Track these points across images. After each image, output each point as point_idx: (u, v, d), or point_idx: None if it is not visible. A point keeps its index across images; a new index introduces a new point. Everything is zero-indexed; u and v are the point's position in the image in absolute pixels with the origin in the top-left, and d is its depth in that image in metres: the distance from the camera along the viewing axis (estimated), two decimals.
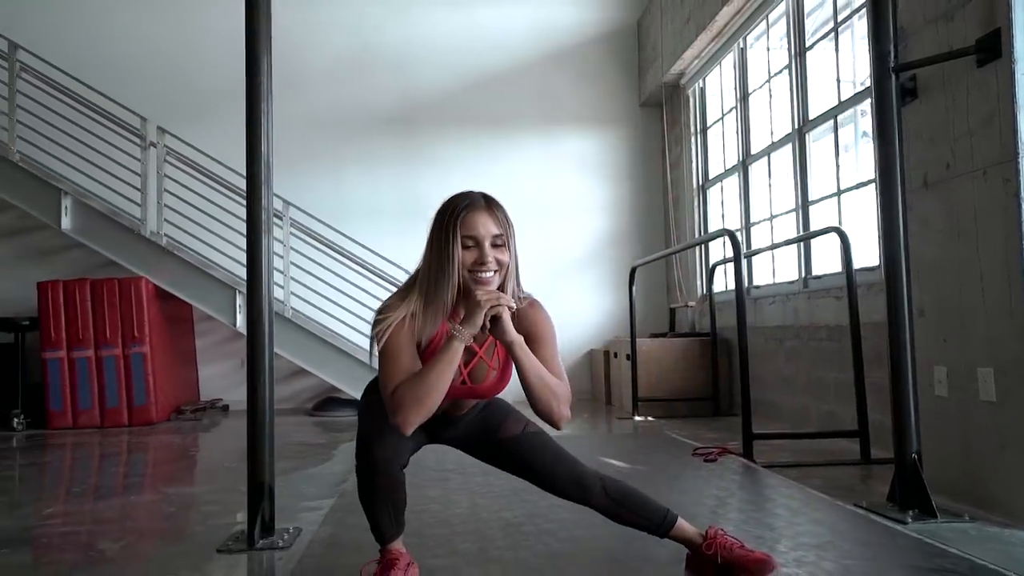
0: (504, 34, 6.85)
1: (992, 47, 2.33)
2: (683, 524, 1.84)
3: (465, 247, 1.64)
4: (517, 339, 1.62)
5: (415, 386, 1.56)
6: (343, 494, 2.78)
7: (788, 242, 4.20)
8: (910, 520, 2.31)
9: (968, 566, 1.84)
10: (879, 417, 3.42)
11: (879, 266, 3.00)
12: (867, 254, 3.69)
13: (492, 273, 1.65)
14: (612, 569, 1.89)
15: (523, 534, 2.19)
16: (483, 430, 1.85)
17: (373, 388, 1.80)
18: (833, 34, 4.15)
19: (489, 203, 1.69)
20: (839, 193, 4.08)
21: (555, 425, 1.66)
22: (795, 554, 1.97)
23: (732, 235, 3.57)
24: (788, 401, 4.58)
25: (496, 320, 1.60)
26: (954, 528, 2.24)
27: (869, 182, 3.74)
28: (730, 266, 5.67)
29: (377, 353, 1.64)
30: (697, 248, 6.13)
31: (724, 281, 5.84)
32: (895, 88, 2.52)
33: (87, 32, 6.24)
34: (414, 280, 1.71)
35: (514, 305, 1.64)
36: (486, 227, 1.64)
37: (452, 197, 1.70)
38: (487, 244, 1.64)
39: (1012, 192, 2.27)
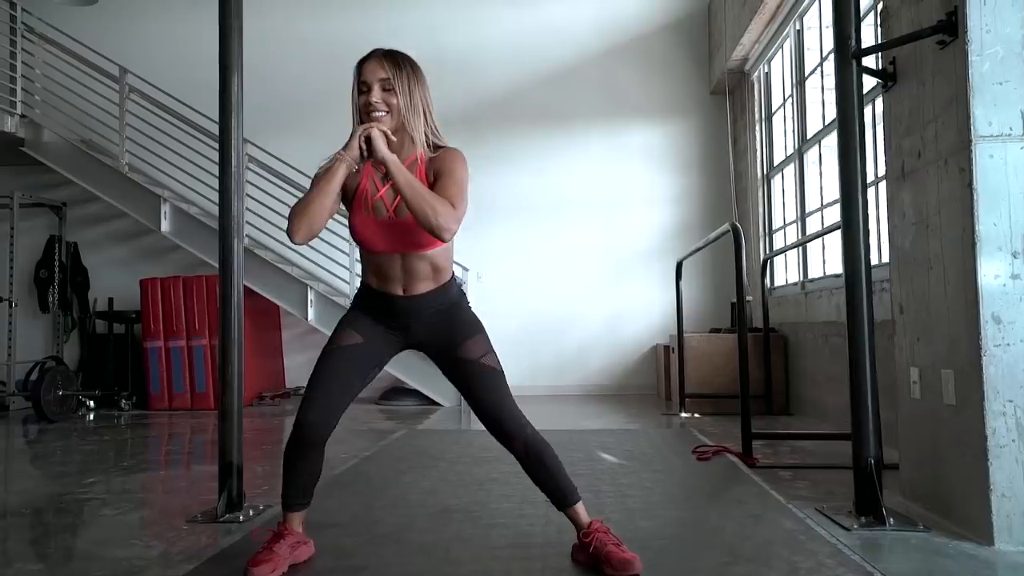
0: (570, 28, 6.89)
1: (951, 28, 2.18)
2: (579, 509, 1.93)
3: (360, 92, 1.86)
4: (389, 156, 1.77)
5: (302, 200, 1.81)
6: (330, 476, 3.01)
7: (806, 240, 4.01)
8: (855, 527, 2.22)
9: None
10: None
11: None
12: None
13: (382, 113, 1.84)
14: (501, 555, 1.97)
15: (448, 519, 2.31)
16: (446, 339, 1.94)
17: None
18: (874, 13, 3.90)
19: (385, 53, 1.90)
20: (876, 182, 3.85)
21: (436, 234, 1.74)
22: (690, 548, 1.97)
23: (736, 230, 3.47)
24: (834, 400, 4.37)
25: (369, 141, 1.78)
26: (897, 537, 2.13)
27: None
28: (791, 258, 5.46)
29: None
30: (763, 240, 5.93)
31: (784, 274, 5.61)
32: (856, 75, 2.40)
33: (182, 54, 6.89)
34: None
35: (388, 131, 1.81)
36: (374, 72, 1.85)
37: None
38: (376, 87, 1.84)
39: (966, 183, 2.12)
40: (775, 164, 5.81)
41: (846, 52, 2.40)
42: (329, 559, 1.96)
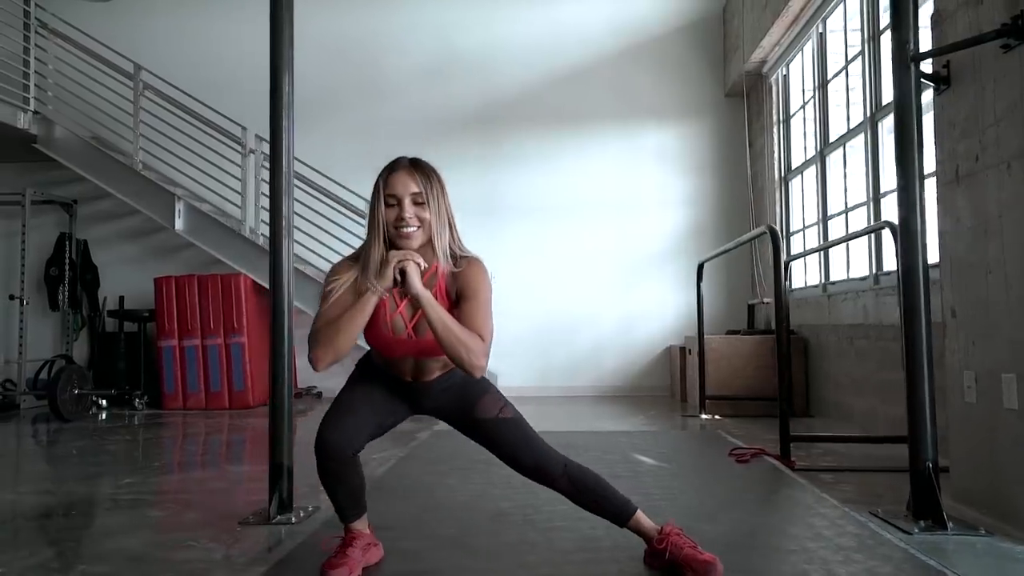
0: (585, 29, 6.88)
1: (1016, 32, 2.18)
2: (641, 517, 1.90)
3: (388, 205, 1.79)
4: (423, 293, 1.72)
5: (328, 327, 1.74)
6: (372, 478, 2.98)
7: (836, 242, 4.02)
8: (917, 531, 2.21)
9: None
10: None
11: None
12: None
13: (414, 228, 1.78)
14: (573, 559, 1.96)
15: (507, 523, 2.30)
16: (460, 406, 1.92)
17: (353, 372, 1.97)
18: None
19: (413, 164, 1.83)
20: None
21: (470, 373, 1.73)
22: (764, 553, 1.96)
23: (773, 232, 3.47)
24: (859, 403, 4.38)
25: (404, 274, 1.72)
26: (960, 541, 2.13)
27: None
28: (811, 260, 5.46)
29: None
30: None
31: (804, 276, 5.62)
32: (914, 79, 2.40)
33: (196, 50, 6.85)
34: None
35: (422, 261, 1.74)
36: (406, 186, 1.79)
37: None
38: (407, 201, 1.78)
39: None
40: (793, 167, 5.82)
41: (904, 56, 2.40)
42: (399, 563, 1.94)
